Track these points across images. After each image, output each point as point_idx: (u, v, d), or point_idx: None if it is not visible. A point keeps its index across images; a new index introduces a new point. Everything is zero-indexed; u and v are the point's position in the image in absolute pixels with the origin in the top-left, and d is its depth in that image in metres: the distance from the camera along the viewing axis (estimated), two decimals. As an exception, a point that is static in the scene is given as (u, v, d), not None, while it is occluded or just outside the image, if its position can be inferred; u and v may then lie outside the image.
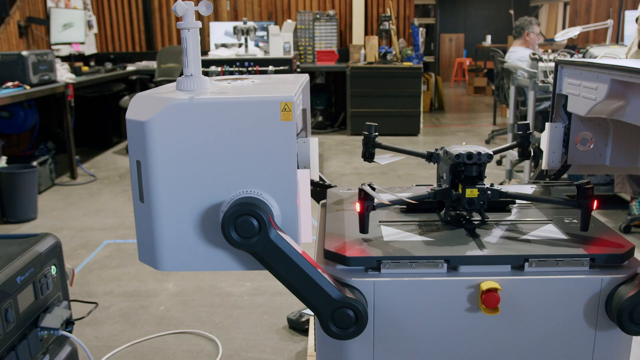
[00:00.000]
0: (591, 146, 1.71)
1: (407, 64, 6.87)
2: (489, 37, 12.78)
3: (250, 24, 4.74)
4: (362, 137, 1.72)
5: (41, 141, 5.60)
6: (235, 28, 4.74)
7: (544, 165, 1.78)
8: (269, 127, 1.17)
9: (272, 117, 1.16)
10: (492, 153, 1.47)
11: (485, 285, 1.29)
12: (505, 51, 5.93)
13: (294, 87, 1.29)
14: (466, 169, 1.48)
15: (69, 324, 1.74)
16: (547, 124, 1.79)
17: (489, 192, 1.50)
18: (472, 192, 1.46)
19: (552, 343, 1.35)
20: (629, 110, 1.45)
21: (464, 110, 9.37)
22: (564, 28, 8.34)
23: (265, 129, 1.17)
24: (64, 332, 1.68)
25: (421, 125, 7.05)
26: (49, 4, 6.14)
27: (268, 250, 1.18)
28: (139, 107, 1.21)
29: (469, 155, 1.45)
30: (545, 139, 1.79)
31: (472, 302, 1.32)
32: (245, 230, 1.15)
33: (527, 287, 1.32)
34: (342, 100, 7.43)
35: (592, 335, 1.36)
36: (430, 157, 1.65)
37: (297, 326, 2.42)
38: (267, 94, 1.19)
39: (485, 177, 1.57)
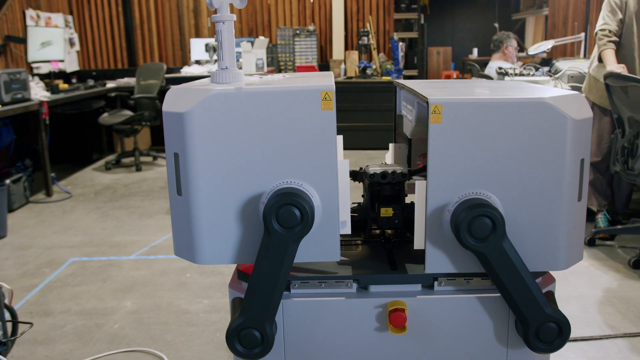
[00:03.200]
0: None
1: (386, 78, 6.91)
2: (475, 50, 12.87)
3: (223, 41, 4.77)
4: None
5: (19, 158, 5.61)
6: (207, 45, 4.77)
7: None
8: (309, 116, 1.17)
9: (313, 106, 1.17)
10: (406, 172, 1.48)
11: (391, 305, 1.30)
12: (487, 64, 5.98)
13: (330, 79, 1.30)
14: (382, 189, 1.50)
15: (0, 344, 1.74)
16: (391, 145, 1.82)
17: (405, 211, 1.51)
18: (387, 212, 1.48)
19: (463, 361, 1.36)
20: None
21: (449, 123, 9.37)
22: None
23: (305, 119, 1.17)
24: (-7, 354, 1.68)
25: (402, 139, 7.07)
26: (29, 22, 6.18)
27: (277, 248, 1.16)
28: (176, 99, 1.20)
29: (383, 174, 1.47)
30: (389, 161, 1.82)
31: (381, 321, 1.33)
32: (288, 221, 1.14)
33: (436, 305, 1.33)
34: (323, 114, 7.46)
35: (504, 354, 1.36)
36: (355, 175, 1.67)
37: (248, 344, 2.42)
38: (305, 83, 1.19)
39: (407, 195, 1.59)
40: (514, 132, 1.17)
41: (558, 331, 1.27)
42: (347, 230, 1.28)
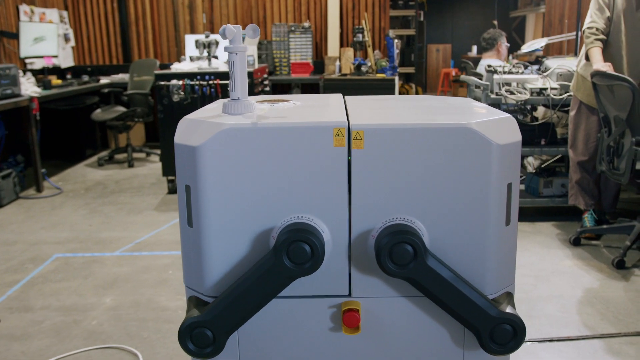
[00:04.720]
0: None
1: (380, 75, 6.89)
2: (474, 48, 12.83)
3: (213, 37, 4.76)
4: None
5: (12, 154, 5.61)
6: (197, 42, 4.77)
7: None
8: (322, 152, 1.17)
9: (326, 143, 1.17)
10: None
11: (345, 305, 1.29)
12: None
13: (341, 110, 1.29)
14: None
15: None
16: None
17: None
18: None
19: (418, 363, 1.35)
20: None
21: (446, 121, 9.35)
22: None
23: (318, 154, 1.17)
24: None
25: (396, 137, 7.04)
26: (22, 17, 6.18)
27: (279, 277, 1.17)
28: (189, 131, 1.20)
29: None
30: None
31: (335, 322, 1.32)
32: (298, 257, 1.15)
33: (390, 306, 1.32)
34: (318, 111, 7.44)
35: (460, 355, 1.35)
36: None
37: (223, 341, 2.42)
38: (318, 118, 1.19)
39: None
40: (437, 158, 1.16)
41: (512, 333, 1.25)
42: None
